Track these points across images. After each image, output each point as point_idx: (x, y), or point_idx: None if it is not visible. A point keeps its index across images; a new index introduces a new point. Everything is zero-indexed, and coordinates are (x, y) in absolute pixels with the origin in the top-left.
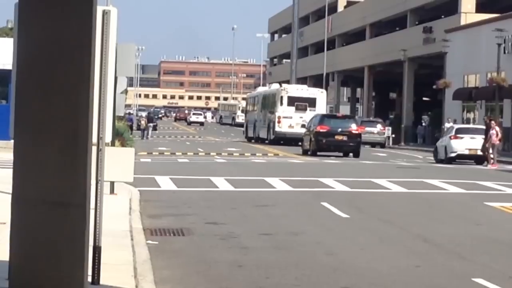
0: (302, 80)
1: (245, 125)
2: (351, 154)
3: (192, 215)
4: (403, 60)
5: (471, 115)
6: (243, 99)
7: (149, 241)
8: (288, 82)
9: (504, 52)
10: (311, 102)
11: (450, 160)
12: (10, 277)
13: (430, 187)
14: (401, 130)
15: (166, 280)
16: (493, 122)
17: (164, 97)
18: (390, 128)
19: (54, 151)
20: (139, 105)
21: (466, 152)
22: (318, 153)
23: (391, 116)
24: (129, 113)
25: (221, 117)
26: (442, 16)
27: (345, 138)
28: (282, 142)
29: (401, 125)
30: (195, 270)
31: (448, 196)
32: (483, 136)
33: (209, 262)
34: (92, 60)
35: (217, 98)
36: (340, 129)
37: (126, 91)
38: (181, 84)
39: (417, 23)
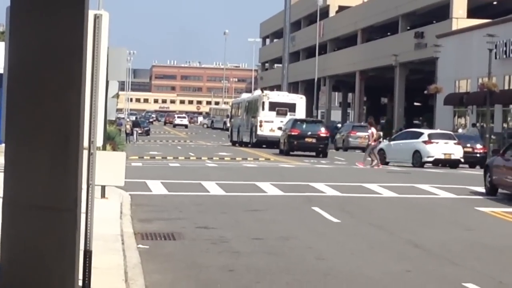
0: (293, 85)
1: (230, 130)
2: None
3: (183, 220)
4: (395, 65)
5: (462, 120)
6: None
7: (140, 245)
8: (279, 86)
9: (495, 58)
10: (291, 107)
11: (423, 165)
12: (1, 282)
13: (420, 192)
14: (392, 135)
15: (156, 284)
16: (369, 124)
17: (156, 101)
18: (381, 133)
19: (45, 155)
20: (130, 109)
21: (442, 156)
22: (291, 153)
23: (382, 121)
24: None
25: (212, 121)
26: (434, 22)
27: (314, 140)
28: (264, 145)
29: (393, 130)
30: (185, 274)
31: (438, 201)
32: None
33: (200, 266)
34: (83, 64)
35: (208, 103)
36: (309, 132)
37: (117, 95)
38: (173, 88)
39: (408, 28)
